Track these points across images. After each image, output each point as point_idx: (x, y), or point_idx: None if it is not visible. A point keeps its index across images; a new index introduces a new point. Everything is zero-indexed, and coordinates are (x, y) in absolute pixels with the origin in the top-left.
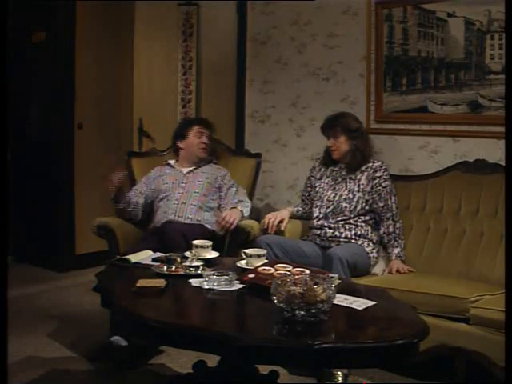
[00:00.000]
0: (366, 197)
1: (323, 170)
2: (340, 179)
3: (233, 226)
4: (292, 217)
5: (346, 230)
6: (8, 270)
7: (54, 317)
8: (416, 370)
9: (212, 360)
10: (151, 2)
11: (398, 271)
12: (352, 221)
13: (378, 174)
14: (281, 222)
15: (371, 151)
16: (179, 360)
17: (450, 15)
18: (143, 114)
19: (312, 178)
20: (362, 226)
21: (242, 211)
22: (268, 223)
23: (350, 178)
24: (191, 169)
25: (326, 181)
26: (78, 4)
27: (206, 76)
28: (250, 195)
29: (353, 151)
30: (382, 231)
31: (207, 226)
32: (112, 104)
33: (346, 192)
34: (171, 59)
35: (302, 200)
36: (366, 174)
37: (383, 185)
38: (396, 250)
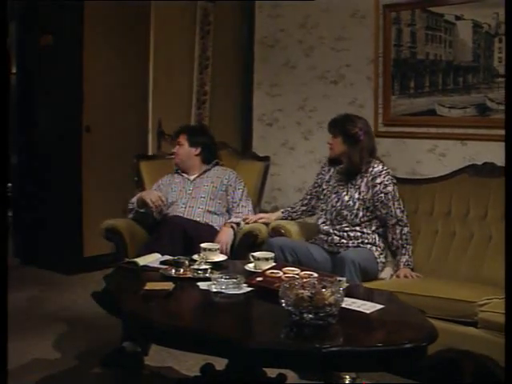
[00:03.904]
0: (367, 204)
1: (332, 171)
2: (342, 182)
3: (228, 247)
4: (281, 218)
5: (352, 238)
6: (14, 272)
7: (62, 319)
8: (423, 374)
9: (220, 363)
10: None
11: (405, 277)
12: (358, 227)
13: (378, 181)
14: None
15: (363, 160)
16: (186, 363)
17: (458, 18)
18: (162, 116)
19: (321, 176)
20: (368, 234)
21: (237, 224)
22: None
23: (351, 183)
24: (197, 175)
25: (332, 182)
26: (87, 4)
27: (215, 77)
28: (258, 198)
29: (344, 156)
30: (389, 238)
31: (216, 228)
32: (122, 106)
33: (347, 198)
34: (189, 58)
35: (304, 197)
36: (365, 180)
37: (384, 191)
38: (404, 258)
